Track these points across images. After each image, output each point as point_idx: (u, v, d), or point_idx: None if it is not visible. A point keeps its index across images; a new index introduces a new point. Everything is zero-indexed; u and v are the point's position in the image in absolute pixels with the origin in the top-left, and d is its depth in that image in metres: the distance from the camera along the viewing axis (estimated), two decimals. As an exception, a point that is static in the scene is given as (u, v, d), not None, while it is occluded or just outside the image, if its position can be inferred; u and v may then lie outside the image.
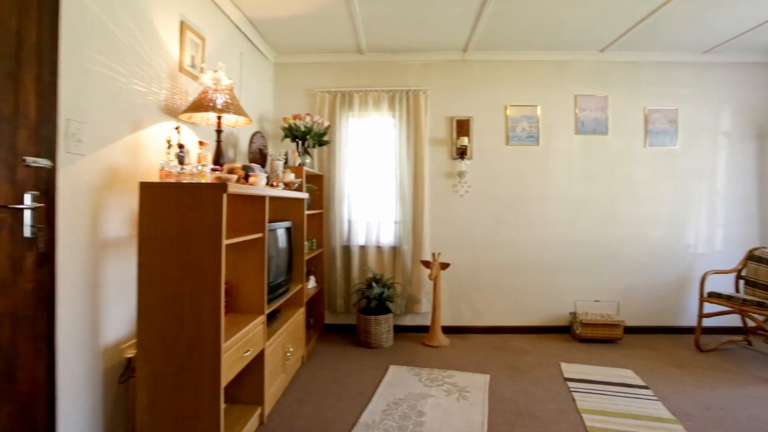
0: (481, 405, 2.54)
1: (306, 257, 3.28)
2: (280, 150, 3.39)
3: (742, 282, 3.66)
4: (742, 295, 3.39)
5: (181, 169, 1.89)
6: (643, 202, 3.95)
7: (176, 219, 1.71)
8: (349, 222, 3.95)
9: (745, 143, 3.95)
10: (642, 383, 2.87)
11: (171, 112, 2.25)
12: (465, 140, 3.87)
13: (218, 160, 2.37)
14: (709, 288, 3.54)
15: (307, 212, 3.38)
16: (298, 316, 3.00)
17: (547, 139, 3.95)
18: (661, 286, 3.97)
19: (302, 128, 3.53)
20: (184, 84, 2.41)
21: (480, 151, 3.96)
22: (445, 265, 3.68)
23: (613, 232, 3.95)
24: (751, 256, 3.65)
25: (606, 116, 3.93)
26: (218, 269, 1.70)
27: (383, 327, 3.56)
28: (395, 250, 3.96)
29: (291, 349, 2.74)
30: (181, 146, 1.98)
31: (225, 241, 1.74)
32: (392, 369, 3.10)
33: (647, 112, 3.92)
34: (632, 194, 3.95)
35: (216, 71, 2.25)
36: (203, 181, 1.91)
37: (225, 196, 1.73)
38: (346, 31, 3.49)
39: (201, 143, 2.20)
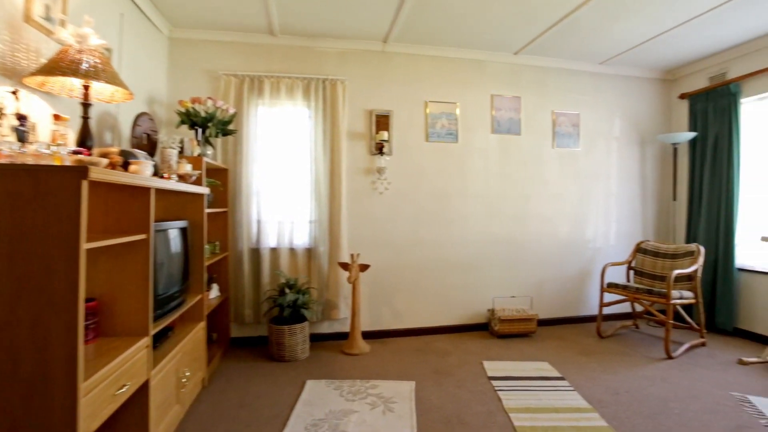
0: (408, 416, 2.36)
1: (207, 262, 2.82)
2: (174, 137, 2.86)
3: (632, 272, 4.03)
4: (634, 284, 3.71)
5: (21, 147, 1.39)
6: (552, 200, 4.16)
7: (6, 214, 1.22)
8: (259, 222, 3.53)
9: (632, 148, 4.38)
10: (558, 374, 2.95)
11: (9, 72, 1.68)
12: (385, 135, 3.69)
13: (85, 141, 1.85)
14: (606, 279, 3.82)
15: (208, 210, 2.91)
16: (198, 332, 2.54)
17: (466, 136, 3.95)
18: (567, 279, 4.22)
19: (203, 114, 3.04)
20: (34, 40, 1.84)
21: (400, 147, 3.82)
22: (364, 267, 3.46)
23: (526, 228, 4.10)
24: (639, 249, 4.03)
25: (519, 117, 4.06)
26: (74, 282, 1.25)
27: (298, 337, 3.21)
28: (310, 251, 3.63)
29: (187, 374, 2.28)
30: (21, 117, 1.46)
31: (86, 245, 1.30)
32: (310, 384, 2.79)
33: (555, 115, 4.14)
34: (543, 192, 4.13)
35: (82, 27, 1.74)
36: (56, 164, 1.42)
37: (86, 183, 1.29)
38: (256, 7, 3.09)
39: (57, 117, 1.68)
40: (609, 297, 4.06)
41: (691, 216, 4.18)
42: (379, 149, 3.73)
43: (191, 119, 3.03)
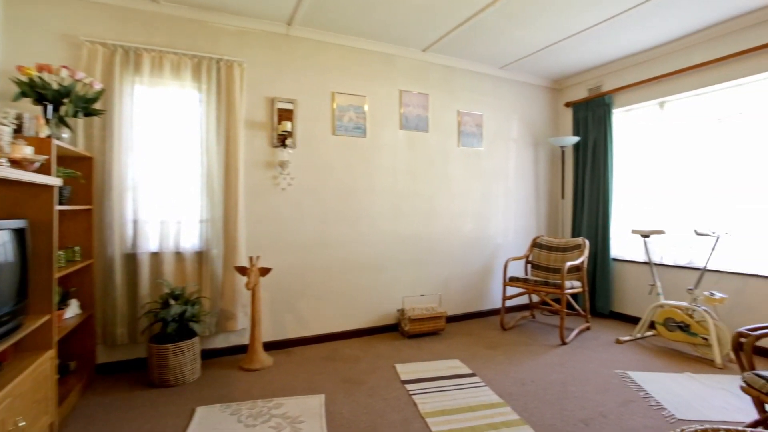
0: (319, 436, 2.11)
1: (60, 273, 2.23)
2: (5, 111, 2.21)
3: (530, 266, 4.29)
4: (532, 277, 3.94)
5: None
6: (458, 198, 4.24)
7: None
8: (136, 222, 2.96)
9: (527, 150, 4.68)
10: (469, 371, 2.95)
11: None
12: (288, 126, 3.38)
13: None
14: (507, 273, 3.99)
15: (61, 207, 2.32)
16: (42, 364, 1.97)
17: (374, 131, 3.82)
18: (472, 275, 4.33)
19: (54, 86, 2.42)
20: None
21: (305, 140, 3.53)
22: (265, 271, 3.11)
23: (434, 226, 4.11)
24: (535, 244, 4.30)
25: (427, 114, 4.05)
26: None
27: (186, 356, 2.74)
28: (202, 255, 3.16)
29: (22, 423, 1.73)
30: None
31: None
32: (201, 412, 2.36)
33: (460, 114, 4.22)
34: (448, 190, 4.18)
35: None
36: None
37: None
38: (125, -39, 2.56)
39: None
40: (511, 290, 4.27)
41: (576, 212, 4.60)
42: (282, 141, 3.41)
43: (37, 91, 2.39)
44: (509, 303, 4.48)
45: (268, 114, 3.41)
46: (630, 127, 4.23)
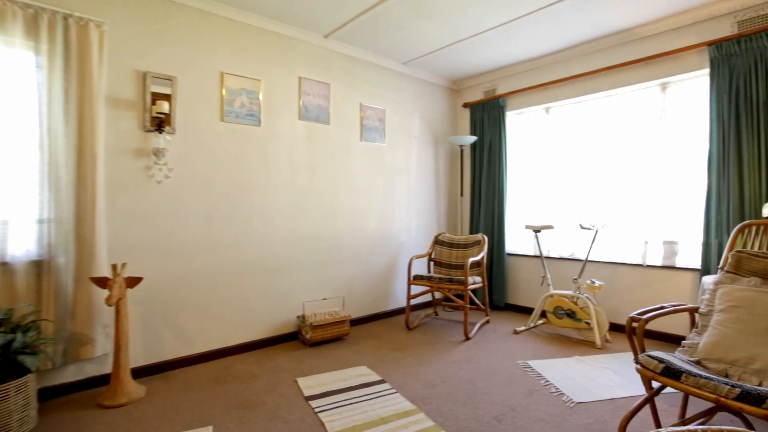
0: (204, 482, 1.70)
1: None
2: None
3: (432, 263, 4.30)
4: (436, 274, 3.93)
5: None
6: (361, 194, 4.05)
7: None
8: (-67, 222, 2.16)
9: (428, 147, 4.71)
10: (378, 377, 2.76)
11: None
12: (165, 106, 2.82)
13: None
14: (402, 267, 3.93)
15: None
16: None
17: (270, 120, 3.43)
18: (375, 274, 4.19)
19: None
20: None
21: (187, 125, 3.00)
22: (134, 281, 2.54)
23: (335, 224, 3.86)
24: (437, 241, 4.33)
25: (328, 105, 3.79)
26: None
27: (13, 401, 2.05)
28: (41, 265, 2.45)
29: None
30: None
31: None
32: (34, 474, 1.77)
33: (362, 108, 4.05)
34: (351, 186, 3.97)
35: None
36: None
37: None
38: None
39: None
40: (416, 289, 4.22)
41: (474, 209, 4.76)
42: (158, 125, 2.84)
43: None
44: (413, 301, 4.44)
45: (139, 91, 2.81)
46: (521, 129, 4.51)
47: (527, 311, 4.36)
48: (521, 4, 3.09)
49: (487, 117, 4.61)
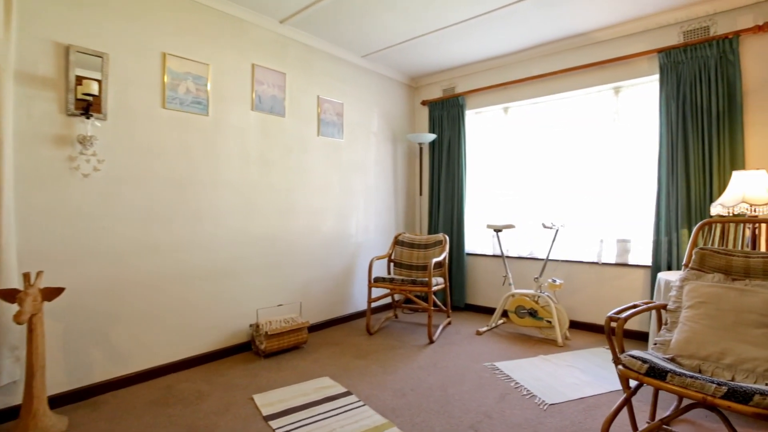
0: None
1: None
2: None
3: (392, 264, 4.15)
4: (399, 276, 3.79)
5: None
6: (318, 193, 3.82)
7: None
8: None
9: (386, 144, 4.57)
10: (343, 389, 2.56)
11: None
12: (94, 87, 2.42)
13: None
14: (365, 273, 3.76)
15: None
16: None
17: (220, 109, 3.10)
18: (333, 277, 3.97)
19: None
20: None
21: (121, 110, 2.61)
22: (53, 293, 2.13)
23: (291, 224, 3.59)
24: (397, 241, 4.20)
25: (284, 96, 3.51)
26: None
27: None
28: (-70, 275, 1.98)
29: None
30: None
31: None
32: None
33: (320, 101, 3.81)
34: (307, 183, 3.72)
35: None
36: None
37: None
38: None
39: None
40: (376, 291, 4.05)
41: (433, 209, 4.69)
42: (84, 109, 2.43)
43: None
44: (374, 304, 4.27)
45: (60, 67, 2.39)
46: (481, 128, 4.51)
47: (487, 311, 4.36)
48: (486, 0, 3.04)
49: (446, 115, 4.56)
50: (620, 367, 1.80)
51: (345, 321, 4.05)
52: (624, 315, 1.91)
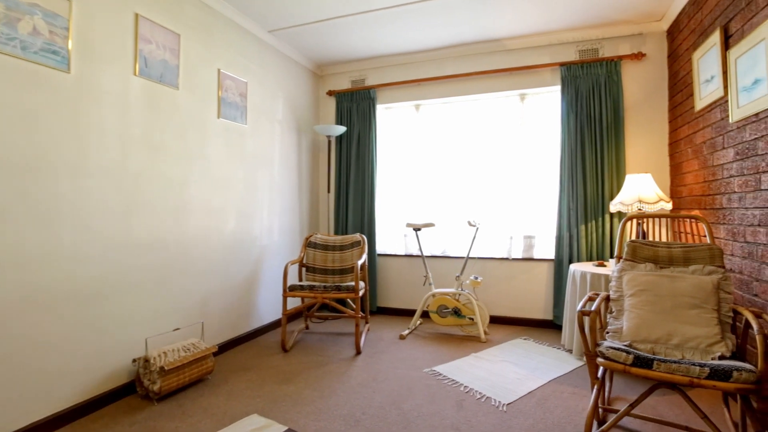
0: None
1: None
2: None
3: (304, 269, 3.69)
4: (320, 282, 3.36)
5: None
6: (218, 187, 3.14)
7: None
8: None
9: (291, 135, 4.07)
10: (282, 427, 2.07)
11: None
12: None
13: None
14: (272, 280, 3.26)
15: None
16: None
17: (89, 66, 2.24)
18: (236, 288, 3.32)
19: None
20: None
21: None
22: None
23: (186, 225, 2.86)
24: (309, 243, 3.75)
25: (177, 63, 2.76)
26: None
27: None
28: None
29: None
30: None
31: None
32: None
33: (221, 75, 3.14)
34: (206, 175, 3.03)
35: None
36: None
37: None
38: None
39: None
40: (292, 301, 3.54)
41: (340, 208, 4.36)
42: None
43: None
44: (275, 316, 3.74)
45: None
46: (391, 124, 4.37)
47: (402, 314, 4.23)
48: (422, -12, 2.91)
49: (356, 108, 4.30)
50: (601, 359, 1.82)
51: (251, 338, 3.44)
52: (594, 308, 1.95)
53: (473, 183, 4.05)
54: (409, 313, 4.20)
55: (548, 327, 3.73)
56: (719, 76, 2.48)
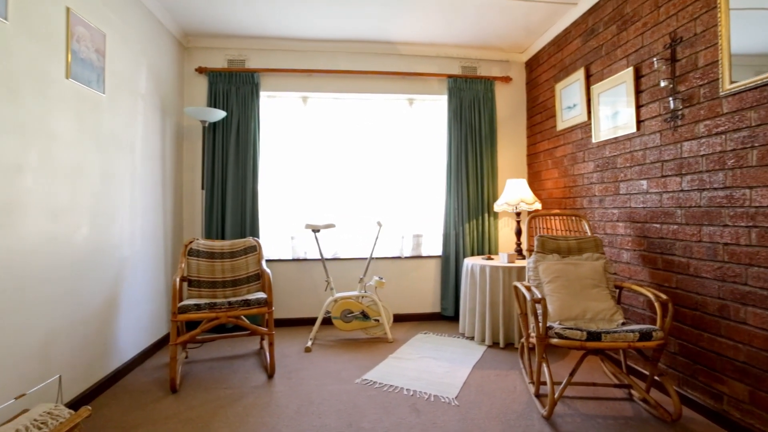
0: None
1: None
2: None
3: (185, 284, 2.95)
4: (222, 299, 2.73)
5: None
6: (65, 177, 2.20)
7: None
8: None
9: (155, 115, 3.19)
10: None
11: None
12: None
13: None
14: (135, 303, 2.55)
15: None
16: None
17: None
18: (90, 317, 2.40)
19: None
20: None
21: None
22: None
23: (18, 233, 1.89)
24: (189, 252, 3.02)
25: (13, -18, 1.81)
26: None
27: None
28: None
29: None
30: None
31: None
32: None
33: (72, 18, 2.21)
34: (49, 159, 2.08)
35: None
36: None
37: None
38: None
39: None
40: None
41: (216, 207, 3.65)
42: None
43: None
44: (138, 351, 2.87)
45: None
46: (274, 114, 3.91)
47: (294, 324, 3.83)
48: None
49: (235, 92, 3.68)
50: (557, 339, 2.06)
51: (112, 382, 2.53)
52: (540, 296, 2.19)
53: (364, 182, 4.01)
54: (303, 323, 3.85)
55: (438, 319, 4.00)
56: (582, 104, 3.15)
